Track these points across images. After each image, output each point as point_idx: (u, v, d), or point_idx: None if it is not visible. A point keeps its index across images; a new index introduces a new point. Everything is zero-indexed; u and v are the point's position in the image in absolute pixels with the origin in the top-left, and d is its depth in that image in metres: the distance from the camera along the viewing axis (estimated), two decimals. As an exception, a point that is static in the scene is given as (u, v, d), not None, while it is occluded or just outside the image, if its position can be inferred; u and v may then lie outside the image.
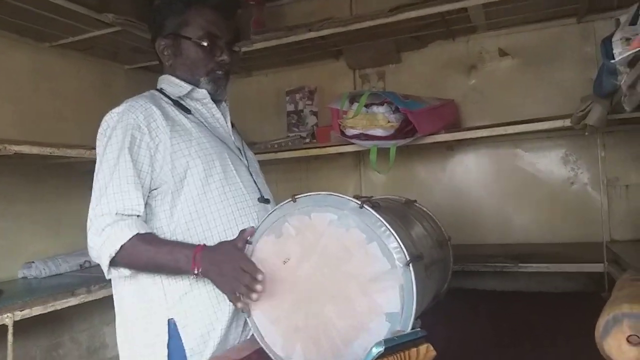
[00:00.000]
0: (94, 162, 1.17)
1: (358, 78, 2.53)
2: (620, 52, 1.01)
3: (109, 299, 1.26)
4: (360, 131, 1.93)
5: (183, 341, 1.13)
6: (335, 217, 0.98)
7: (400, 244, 0.92)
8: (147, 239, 1.07)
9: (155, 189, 1.15)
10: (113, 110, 1.19)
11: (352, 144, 2.00)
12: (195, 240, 1.14)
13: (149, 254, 1.06)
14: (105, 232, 1.05)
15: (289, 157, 2.27)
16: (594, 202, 2.07)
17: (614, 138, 2.02)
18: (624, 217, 2.00)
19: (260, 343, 1.04)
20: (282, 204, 1.05)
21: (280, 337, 1.01)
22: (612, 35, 1.09)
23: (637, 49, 0.92)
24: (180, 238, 1.15)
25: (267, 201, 1.27)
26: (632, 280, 0.57)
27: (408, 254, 0.91)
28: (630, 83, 1.07)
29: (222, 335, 1.15)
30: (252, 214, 1.21)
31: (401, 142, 1.88)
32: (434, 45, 2.36)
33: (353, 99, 1.99)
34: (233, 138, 1.33)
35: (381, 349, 0.59)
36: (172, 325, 1.13)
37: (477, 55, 2.29)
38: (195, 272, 1.05)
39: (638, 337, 0.47)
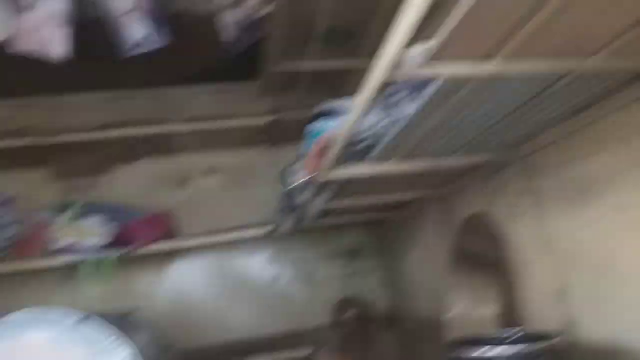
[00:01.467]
0: None
1: (66, 188, 2.41)
2: (293, 181, 1.33)
3: None
4: (72, 243, 1.84)
5: None
6: (51, 336, 0.93)
7: (131, 352, 0.93)
8: None
9: None
10: None
11: (62, 256, 1.88)
12: None
13: None
14: None
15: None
16: (296, 295, 2.43)
17: (305, 240, 2.45)
18: (320, 305, 2.40)
19: None
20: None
21: None
22: (289, 166, 1.42)
23: (302, 180, 1.24)
24: None
25: None
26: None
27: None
28: (303, 202, 1.39)
29: None
30: None
31: (115, 253, 1.87)
32: (146, 160, 2.47)
33: (63, 209, 1.90)
34: None
35: None
36: None
37: (187, 171, 2.50)
38: None
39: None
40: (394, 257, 2.35)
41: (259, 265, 2.47)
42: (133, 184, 2.43)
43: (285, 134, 2.33)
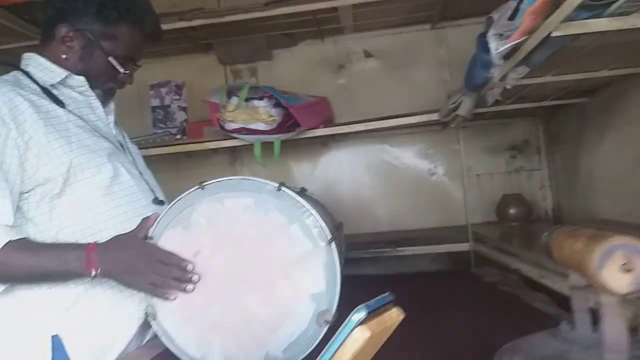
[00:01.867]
0: None
1: (229, 73, 2.46)
2: (497, 47, 1.14)
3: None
4: (241, 125, 1.88)
5: (71, 360, 0.98)
6: (252, 201, 0.93)
7: (322, 223, 0.91)
8: (22, 246, 0.92)
9: (27, 192, 0.98)
10: None
11: (232, 138, 1.94)
12: None
13: (27, 262, 0.91)
14: None
15: (157, 155, 2.10)
16: (452, 190, 2.31)
17: (465, 133, 2.27)
18: (477, 202, 2.26)
19: (170, 347, 0.94)
20: (187, 192, 0.98)
21: (194, 337, 0.92)
22: (486, 32, 1.22)
23: (515, 42, 1.05)
24: None
25: (161, 203, 1.15)
26: (575, 229, 0.63)
27: (329, 233, 0.91)
28: (502, 75, 1.21)
29: (125, 346, 1.02)
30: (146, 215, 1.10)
31: (284, 136, 1.88)
32: (304, 44, 2.41)
33: (231, 92, 1.93)
34: (115, 132, 1.20)
35: (363, 314, 0.57)
36: (56, 343, 0.97)
37: (344, 55, 2.40)
38: (93, 273, 0.91)
39: (630, 264, 0.53)
40: (568, 151, 2.07)
41: (413, 157, 2.36)
42: (291, 69, 2.41)
43: (455, 6, 2.08)
